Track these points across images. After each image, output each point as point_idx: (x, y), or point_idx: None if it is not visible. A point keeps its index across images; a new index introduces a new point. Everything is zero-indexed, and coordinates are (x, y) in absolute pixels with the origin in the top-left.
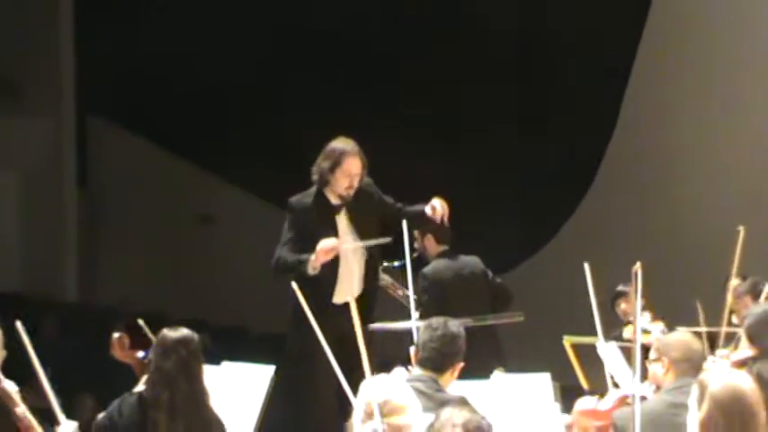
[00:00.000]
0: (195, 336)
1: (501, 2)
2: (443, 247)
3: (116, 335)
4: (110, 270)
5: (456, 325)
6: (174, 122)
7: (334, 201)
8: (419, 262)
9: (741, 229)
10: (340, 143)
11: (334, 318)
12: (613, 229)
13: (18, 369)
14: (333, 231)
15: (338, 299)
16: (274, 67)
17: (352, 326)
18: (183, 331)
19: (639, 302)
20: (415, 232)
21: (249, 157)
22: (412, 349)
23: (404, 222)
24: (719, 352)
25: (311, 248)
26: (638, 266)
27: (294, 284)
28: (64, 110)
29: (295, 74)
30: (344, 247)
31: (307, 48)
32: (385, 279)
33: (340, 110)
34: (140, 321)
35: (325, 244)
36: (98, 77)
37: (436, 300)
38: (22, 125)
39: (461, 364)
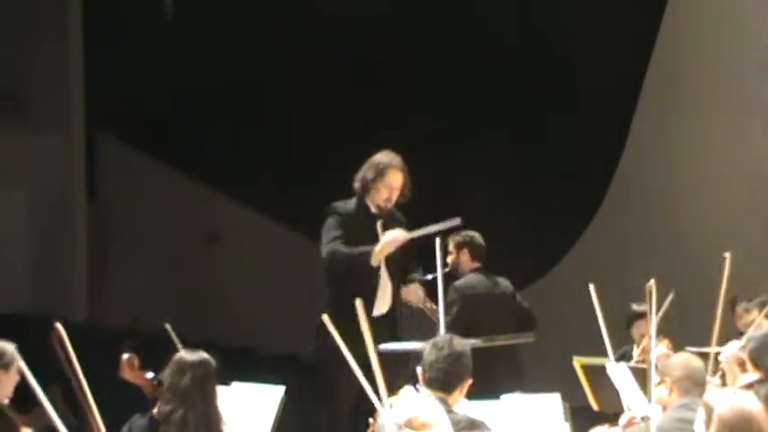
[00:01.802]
0: (212, 359)
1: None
2: (477, 264)
3: (125, 356)
4: (118, 288)
5: (461, 343)
6: (184, 140)
7: (374, 210)
8: (450, 277)
9: (727, 255)
10: (386, 156)
11: (374, 330)
12: (623, 250)
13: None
14: (373, 238)
15: (376, 311)
16: (283, 84)
17: (385, 339)
18: (201, 353)
19: (655, 320)
20: (450, 246)
21: (257, 175)
22: (418, 369)
23: (437, 238)
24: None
25: None
26: (652, 283)
27: (325, 317)
28: (73, 126)
29: (303, 91)
30: (408, 237)
31: (314, 65)
32: (430, 306)
33: (346, 126)
34: (167, 326)
35: (392, 235)
36: (107, 93)
37: (465, 314)
38: (30, 141)
39: (469, 381)
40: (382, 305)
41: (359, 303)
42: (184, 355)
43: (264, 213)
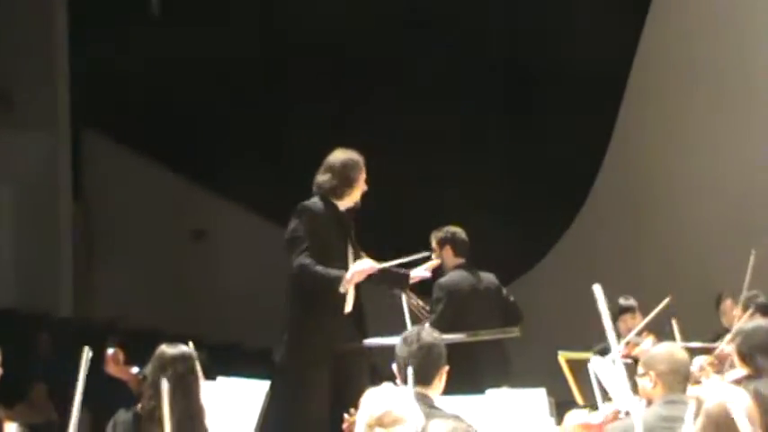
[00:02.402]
0: (193, 353)
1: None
2: (460, 260)
3: (110, 350)
4: (104, 285)
5: (429, 333)
6: (169, 137)
7: (342, 210)
8: (434, 274)
9: (753, 252)
10: (354, 155)
11: (343, 327)
12: (608, 245)
13: (13, 386)
14: (345, 244)
15: (347, 308)
16: (269, 81)
17: (355, 336)
18: (181, 348)
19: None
20: (433, 242)
21: (243, 172)
22: (393, 366)
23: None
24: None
25: (325, 259)
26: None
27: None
28: (59, 124)
29: (290, 88)
30: (378, 268)
31: (302, 62)
32: (414, 302)
33: (335, 124)
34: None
35: (362, 265)
36: (93, 92)
37: (451, 311)
38: (17, 140)
39: (446, 368)
40: (348, 304)
41: None
42: (165, 349)
43: (250, 209)
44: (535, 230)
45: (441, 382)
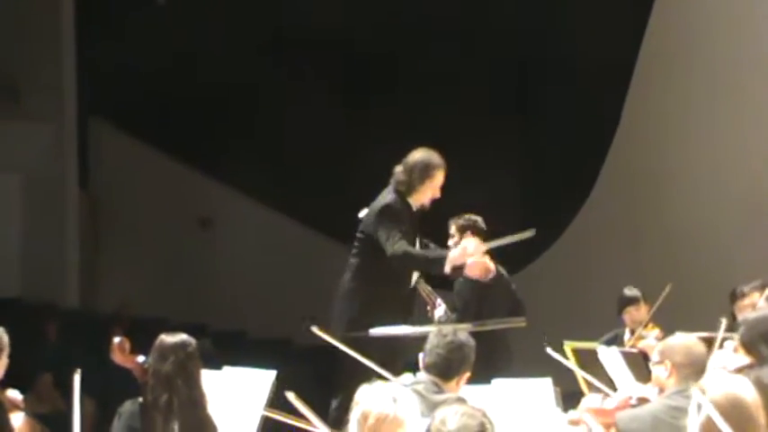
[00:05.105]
0: (193, 340)
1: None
2: None
3: (116, 339)
4: (110, 274)
5: (466, 334)
6: (175, 126)
7: (415, 209)
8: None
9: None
10: (431, 155)
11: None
12: (611, 238)
13: (19, 375)
14: (414, 239)
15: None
16: (274, 70)
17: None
18: (181, 336)
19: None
20: (452, 228)
21: (249, 161)
22: (421, 355)
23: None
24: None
25: None
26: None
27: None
28: (65, 113)
29: (295, 78)
30: (484, 248)
31: (306, 52)
32: (425, 287)
33: (339, 115)
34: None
35: (470, 245)
36: (99, 81)
37: (475, 302)
38: (23, 129)
39: (467, 374)
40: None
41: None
42: (165, 338)
43: (256, 198)
44: (539, 222)
45: (458, 386)
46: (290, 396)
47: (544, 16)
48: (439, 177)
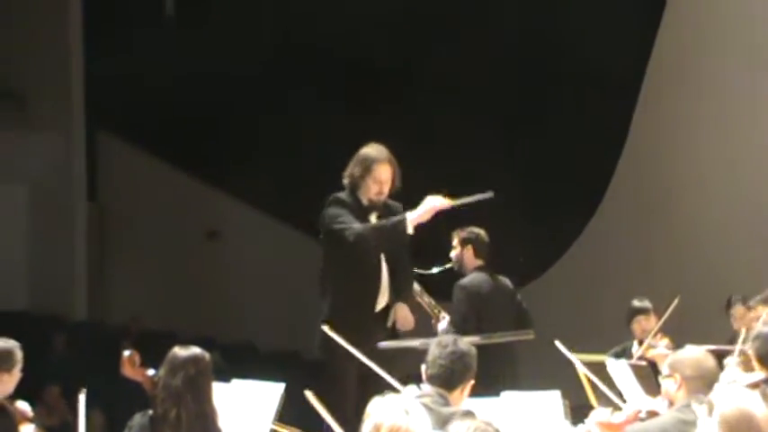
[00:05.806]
0: (206, 355)
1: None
2: (480, 262)
3: (126, 352)
4: (118, 286)
5: (466, 343)
6: (183, 139)
7: (365, 204)
8: (452, 273)
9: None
10: (372, 150)
11: (373, 326)
12: (621, 249)
13: (27, 387)
14: None
15: (378, 307)
16: (279, 82)
17: (384, 336)
18: (194, 350)
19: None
20: (455, 240)
21: (256, 173)
22: (423, 367)
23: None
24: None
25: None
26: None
27: (326, 327)
28: (74, 125)
29: (299, 89)
30: (448, 204)
31: (310, 62)
32: (426, 299)
33: (344, 124)
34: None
35: (432, 200)
36: (107, 93)
37: (473, 313)
38: (32, 140)
39: (471, 383)
40: (382, 300)
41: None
42: (177, 352)
43: (264, 210)
44: (549, 233)
45: (462, 395)
46: (308, 395)
47: (556, 29)
48: (379, 171)
